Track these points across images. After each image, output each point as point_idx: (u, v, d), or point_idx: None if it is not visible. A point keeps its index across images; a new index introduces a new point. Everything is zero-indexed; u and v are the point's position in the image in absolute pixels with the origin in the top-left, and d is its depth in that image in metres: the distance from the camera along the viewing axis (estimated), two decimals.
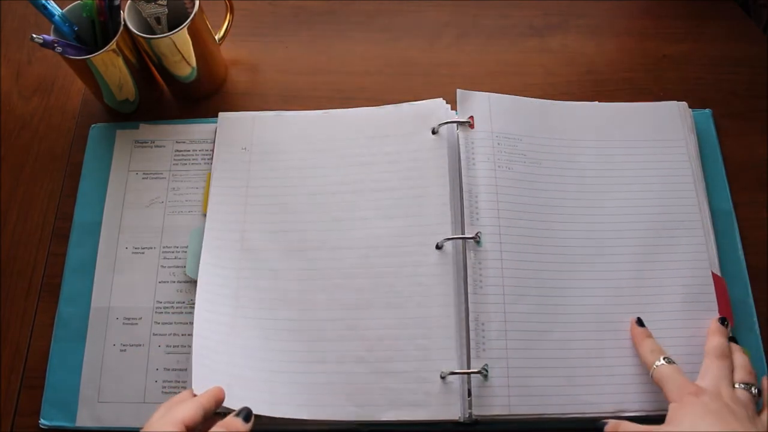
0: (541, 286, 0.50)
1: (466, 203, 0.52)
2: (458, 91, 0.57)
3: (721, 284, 0.51)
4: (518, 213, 0.52)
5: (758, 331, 0.51)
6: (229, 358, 0.49)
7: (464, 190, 0.53)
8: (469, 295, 0.50)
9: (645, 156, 0.56)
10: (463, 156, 0.54)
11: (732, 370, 0.45)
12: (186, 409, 0.42)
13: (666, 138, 0.56)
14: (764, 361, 0.50)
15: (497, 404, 0.47)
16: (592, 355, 0.49)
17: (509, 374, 0.48)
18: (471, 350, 0.48)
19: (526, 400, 0.47)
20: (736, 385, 0.44)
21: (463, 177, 0.53)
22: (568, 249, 0.52)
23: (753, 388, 0.44)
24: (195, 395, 0.46)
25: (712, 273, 0.51)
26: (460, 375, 0.48)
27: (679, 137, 0.56)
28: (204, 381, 0.47)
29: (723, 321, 0.48)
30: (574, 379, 0.48)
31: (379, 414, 0.48)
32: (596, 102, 0.59)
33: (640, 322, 0.49)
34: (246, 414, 0.44)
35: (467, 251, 0.51)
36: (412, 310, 0.50)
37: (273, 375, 0.49)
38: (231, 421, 0.43)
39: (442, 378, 0.48)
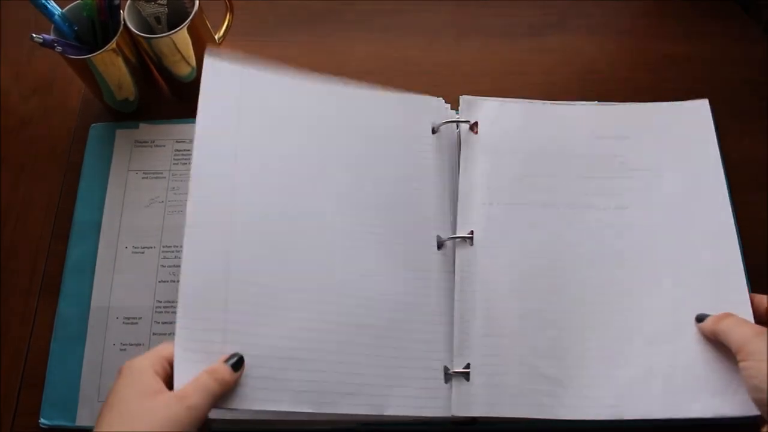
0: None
1: (460, 203, 0.53)
2: (462, 97, 0.57)
3: None
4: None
5: None
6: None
7: (460, 191, 0.53)
8: (456, 293, 0.50)
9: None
10: (462, 157, 0.55)
11: None
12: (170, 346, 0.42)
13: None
14: None
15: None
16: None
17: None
18: (455, 348, 0.48)
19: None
20: None
21: (460, 177, 0.54)
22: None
23: None
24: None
25: None
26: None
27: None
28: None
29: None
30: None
31: (382, 410, 0.48)
32: (604, 103, 0.58)
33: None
34: (236, 361, 0.42)
35: (457, 249, 0.51)
36: (413, 308, 0.50)
37: (273, 372, 0.49)
38: (219, 367, 0.41)
39: (445, 376, 0.48)
